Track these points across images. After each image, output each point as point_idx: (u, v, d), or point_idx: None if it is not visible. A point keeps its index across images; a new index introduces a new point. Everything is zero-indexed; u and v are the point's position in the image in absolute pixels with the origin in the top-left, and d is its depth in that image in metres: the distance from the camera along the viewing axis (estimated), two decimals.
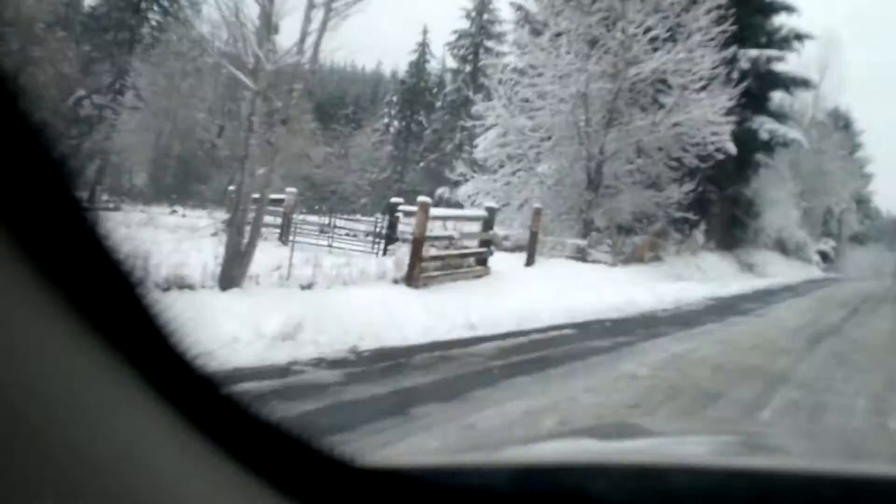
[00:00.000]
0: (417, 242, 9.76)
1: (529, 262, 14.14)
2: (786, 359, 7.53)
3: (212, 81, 34.65)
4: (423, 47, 46.10)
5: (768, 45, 23.35)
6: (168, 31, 30.19)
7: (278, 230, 13.35)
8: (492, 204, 11.71)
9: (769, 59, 22.99)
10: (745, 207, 23.19)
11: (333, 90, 57.22)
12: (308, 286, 8.09)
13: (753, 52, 21.85)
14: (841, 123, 41.00)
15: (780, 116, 25.28)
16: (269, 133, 7.47)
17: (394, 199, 13.49)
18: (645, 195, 17.82)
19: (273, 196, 14.41)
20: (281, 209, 13.51)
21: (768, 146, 23.86)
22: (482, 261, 11.34)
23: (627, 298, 10.26)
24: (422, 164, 41.38)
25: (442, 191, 30.77)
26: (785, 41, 23.97)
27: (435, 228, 11.26)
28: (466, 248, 11.30)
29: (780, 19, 24.15)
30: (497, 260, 14.71)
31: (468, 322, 7.11)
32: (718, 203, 21.54)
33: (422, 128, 44.23)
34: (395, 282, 9.59)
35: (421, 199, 9.87)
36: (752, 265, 21.50)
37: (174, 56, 31.34)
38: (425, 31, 45.97)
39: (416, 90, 45.20)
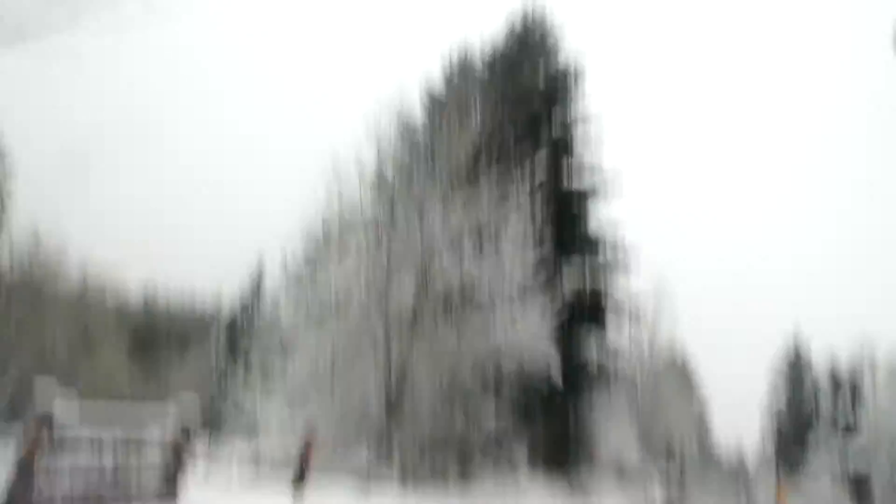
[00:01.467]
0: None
1: (296, 490, 11.53)
2: None
3: None
4: (255, 289, 46.40)
5: (594, 273, 23.08)
6: None
7: None
8: (188, 424, 9.02)
9: (595, 291, 22.60)
10: (575, 424, 21.27)
11: (162, 323, 54.41)
12: None
13: (576, 276, 21.38)
14: (677, 361, 41.31)
15: (609, 334, 24.46)
16: None
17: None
18: (454, 411, 15.75)
19: None
20: None
21: (599, 369, 22.92)
22: None
23: None
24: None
25: None
26: (611, 271, 23.86)
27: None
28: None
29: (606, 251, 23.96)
30: (260, 491, 11.93)
31: None
32: (544, 419, 19.50)
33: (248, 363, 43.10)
34: None
35: (38, 412, 7.02)
36: (584, 490, 19.11)
37: None
38: (260, 265, 46.02)
39: (242, 330, 44.66)
